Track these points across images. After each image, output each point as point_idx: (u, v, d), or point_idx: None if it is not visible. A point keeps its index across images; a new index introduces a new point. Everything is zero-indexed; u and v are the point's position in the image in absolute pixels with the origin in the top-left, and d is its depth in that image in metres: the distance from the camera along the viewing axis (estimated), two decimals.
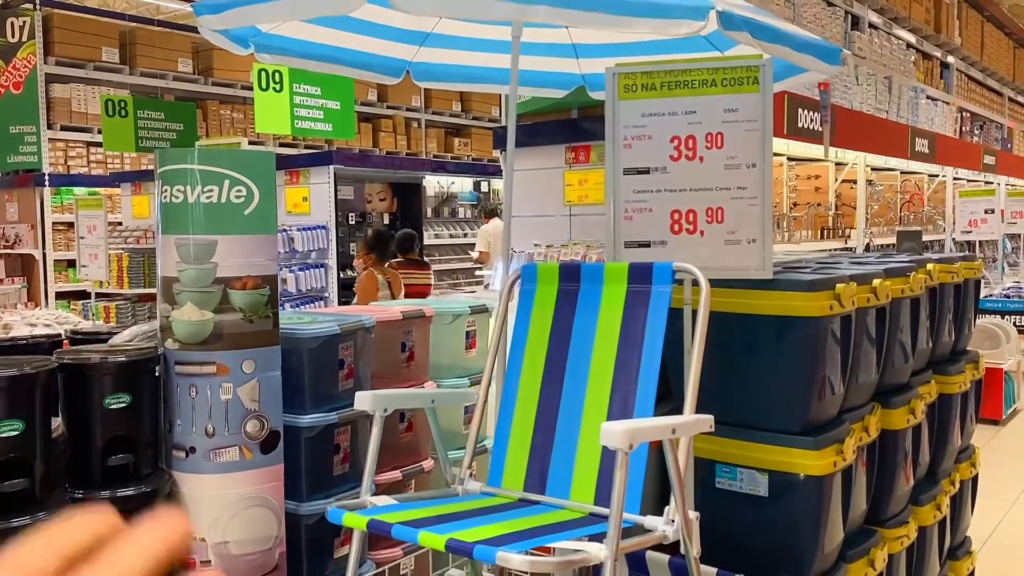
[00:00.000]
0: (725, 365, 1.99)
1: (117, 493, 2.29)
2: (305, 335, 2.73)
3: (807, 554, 1.92)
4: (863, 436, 2.14)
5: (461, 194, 9.77)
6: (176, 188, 2.46)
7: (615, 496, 1.26)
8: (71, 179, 9.28)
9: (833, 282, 1.93)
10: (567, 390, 1.68)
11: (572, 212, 4.78)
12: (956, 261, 2.84)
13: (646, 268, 1.67)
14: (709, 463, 2.01)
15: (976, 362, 2.99)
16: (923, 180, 10.96)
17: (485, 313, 3.63)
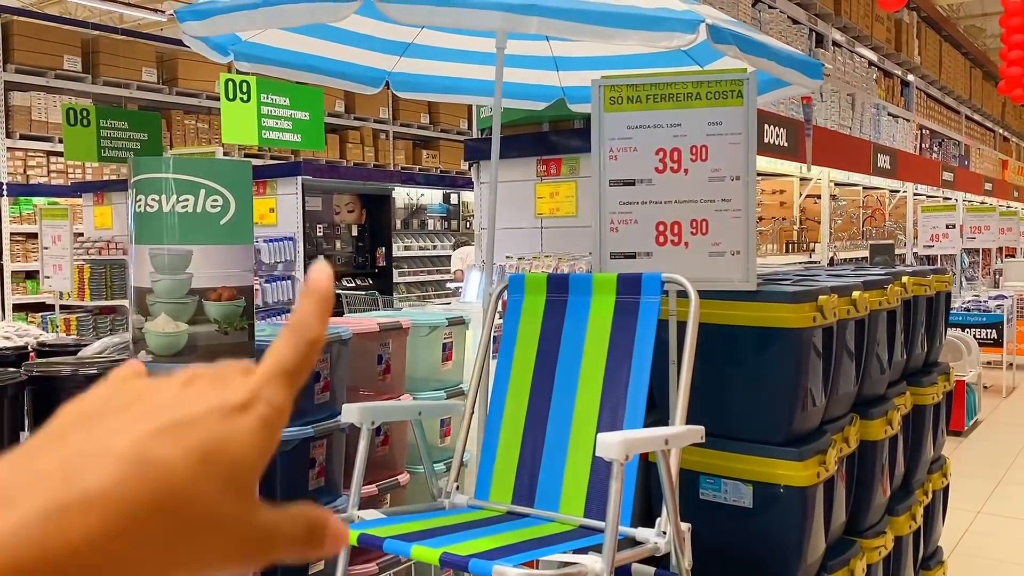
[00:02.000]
0: (708, 376, 2.00)
1: None
2: None
3: (791, 565, 1.93)
4: (844, 447, 2.16)
5: (431, 206, 9.74)
6: (151, 197, 2.41)
7: (611, 507, 1.25)
8: (30, 188, 9.10)
9: (816, 294, 1.95)
10: (555, 401, 1.67)
11: (543, 224, 4.79)
12: (928, 274, 2.89)
13: (635, 279, 1.67)
14: (693, 474, 2.01)
15: (947, 374, 3.04)
16: (885, 195, 11.17)
17: (462, 325, 3.61)
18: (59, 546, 0.30)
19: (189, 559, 0.33)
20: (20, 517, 0.30)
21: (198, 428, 0.34)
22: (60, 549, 0.30)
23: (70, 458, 0.32)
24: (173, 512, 0.32)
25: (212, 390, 0.36)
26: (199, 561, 0.34)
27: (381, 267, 8.83)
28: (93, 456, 0.32)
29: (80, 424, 0.35)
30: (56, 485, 0.31)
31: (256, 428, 0.35)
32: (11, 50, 8.97)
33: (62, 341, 3.25)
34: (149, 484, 0.32)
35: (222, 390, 0.36)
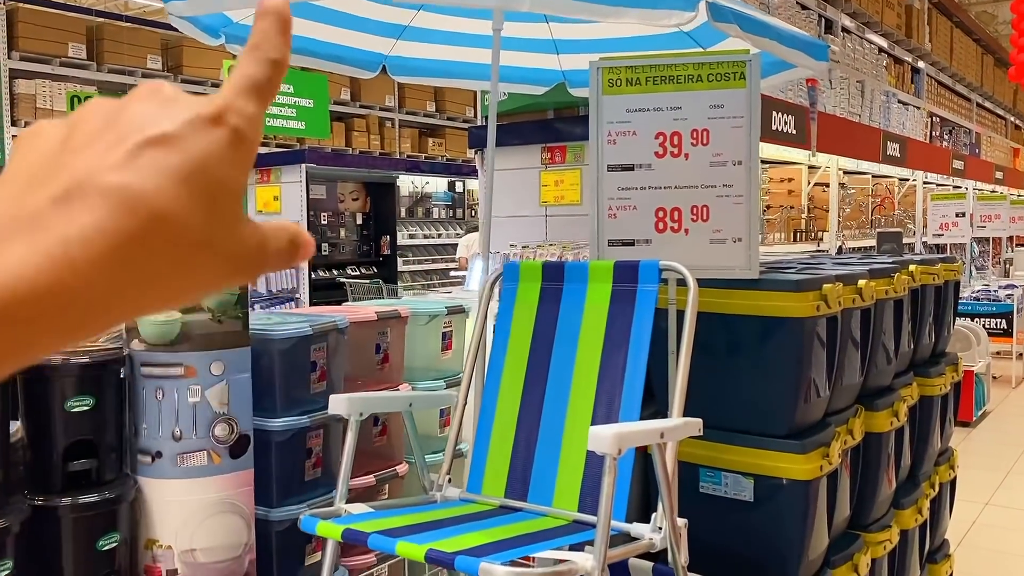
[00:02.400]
0: (709, 367, 1.95)
1: (79, 499, 2.20)
2: (276, 336, 2.65)
3: (793, 560, 1.88)
4: (848, 439, 2.11)
5: (436, 194, 9.69)
6: None
7: (603, 503, 1.21)
8: None
9: (820, 282, 1.90)
10: (550, 393, 1.62)
11: (548, 213, 4.74)
12: (936, 263, 2.83)
13: (632, 267, 1.62)
14: (693, 467, 1.96)
15: (955, 364, 2.98)
16: (894, 184, 11.07)
17: (462, 314, 3.56)
18: (66, 280, 0.31)
19: (185, 282, 0.34)
20: (26, 252, 0.31)
21: (175, 146, 0.34)
22: (67, 283, 0.31)
23: (61, 195, 0.32)
24: (165, 238, 0.33)
25: (181, 104, 0.36)
26: (195, 282, 0.35)
27: (386, 255, 8.79)
28: (82, 191, 0.32)
29: (59, 153, 0.34)
30: (53, 222, 0.32)
31: (231, 140, 0.35)
32: (16, 37, 8.93)
33: None
34: (139, 216, 0.32)
35: (192, 104, 0.36)
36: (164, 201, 0.33)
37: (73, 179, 0.33)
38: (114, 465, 2.34)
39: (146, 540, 2.39)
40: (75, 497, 2.20)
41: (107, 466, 2.30)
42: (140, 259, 0.33)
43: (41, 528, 2.16)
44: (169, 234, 0.33)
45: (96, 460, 2.27)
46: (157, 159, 0.33)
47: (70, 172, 0.33)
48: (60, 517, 2.18)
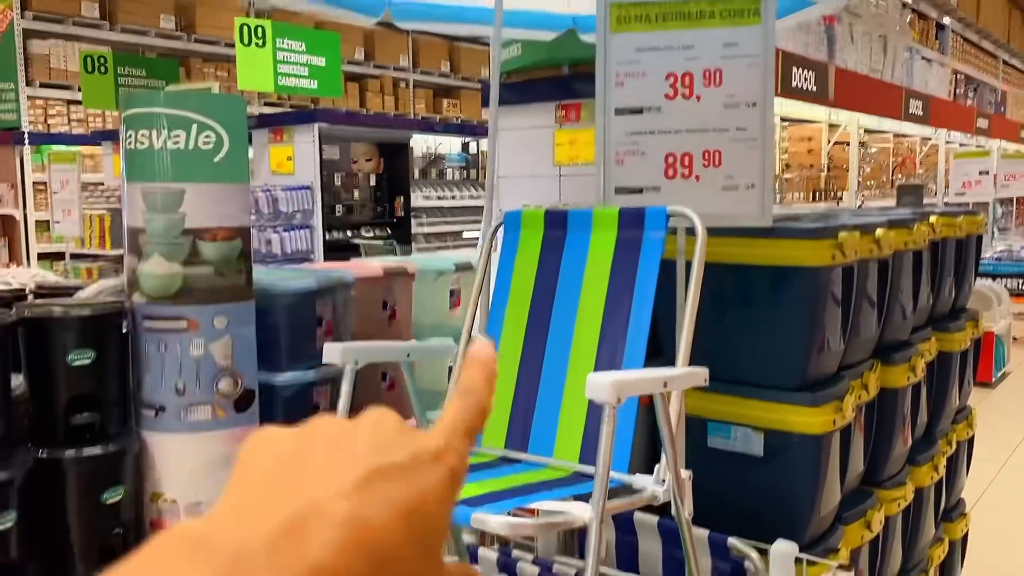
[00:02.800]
0: (719, 319, 1.89)
1: (83, 452, 2.19)
2: (280, 291, 2.62)
3: (803, 516, 1.84)
4: (862, 394, 2.05)
5: (449, 155, 9.60)
6: (141, 133, 2.33)
7: (601, 453, 1.16)
8: (51, 138, 9.06)
9: (836, 231, 1.82)
10: (552, 343, 1.57)
11: (562, 173, 4.65)
12: (959, 215, 2.74)
13: (638, 213, 1.55)
14: (701, 422, 1.92)
15: (976, 320, 2.90)
16: (916, 143, 10.86)
17: (470, 271, 3.52)
18: None
19: None
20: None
21: (403, 479, 0.35)
22: None
23: (291, 521, 0.33)
24: (385, 574, 0.34)
25: (408, 436, 0.38)
26: None
27: (400, 217, 8.73)
28: (313, 519, 0.33)
29: (284, 472, 0.36)
30: (287, 557, 0.32)
31: (447, 480, 0.36)
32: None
33: (61, 284, 3.20)
34: (367, 552, 0.33)
35: (416, 437, 0.38)
36: (391, 538, 0.34)
37: (307, 504, 0.34)
38: (118, 419, 2.32)
39: (151, 494, 2.38)
40: (79, 450, 2.18)
41: (110, 420, 2.29)
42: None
43: (45, 481, 2.15)
44: (389, 571, 0.34)
45: (99, 414, 2.26)
46: (387, 490, 0.35)
47: (303, 496, 0.34)
48: (64, 470, 2.17)
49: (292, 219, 7.20)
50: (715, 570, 1.67)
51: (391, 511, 0.34)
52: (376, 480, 0.34)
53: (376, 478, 0.34)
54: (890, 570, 2.31)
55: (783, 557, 1.60)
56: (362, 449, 0.36)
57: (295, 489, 0.34)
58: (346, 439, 0.37)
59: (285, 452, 0.36)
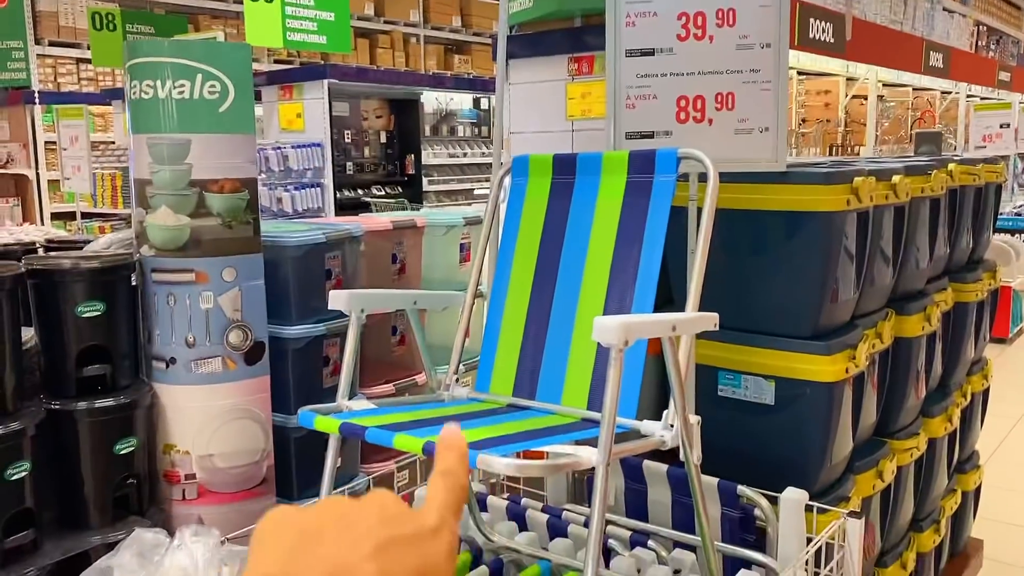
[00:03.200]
0: (731, 266, 1.86)
1: (94, 404, 2.20)
2: (289, 243, 2.61)
3: (814, 465, 1.83)
4: (876, 343, 2.02)
5: (460, 112, 9.50)
6: (146, 83, 2.30)
7: (608, 395, 1.14)
8: (61, 96, 9.02)
9: (851, 175, 1.78)
10: (560, 289, 1.55)
11: (574, 127, 4.57)
12: (978, 163, 2.68)
13: (648, 156, 1.52)
14: (711, 370, 1.90)
15: (993, 272, 2.86)
16: (935, 97, 10.66)
17: (480, 225, 3.49)
18: None
19: None
20: None
21: (414, 547, 0.39)
22: None
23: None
24: None
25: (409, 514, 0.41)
26: None
27: (410, 175, 8.68)
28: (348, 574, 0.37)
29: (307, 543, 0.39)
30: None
31: (449, 550, 0.41)
32: None
33: (72, 238, 3.20)
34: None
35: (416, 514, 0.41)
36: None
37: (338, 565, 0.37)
38: (128, 371, 2.33)
39: (164, 445, 2.40)
40: (90, 401, 2.20)
41: (121, 372, 2.30)
42: None
43: (58, 432, 2.17)
44: None
45: (109, 365, 2.26)
46: (403, 556, 0.38)
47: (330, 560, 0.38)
48: (76, 421, 2.18)
49: (303, 177, 7.17)
50: (724, 517, 1.66)
51: (408, 570, 0.38)
52: (391, 547, 0.38)
53: (391, 545, 0.38)
54: (902, 520, 2.30)
55: (793, 505, 1.59)
56: (373, 522, 0.40)
57: (321, 556, 0.38)
58: (355, 515, 0.40)
59: (305, 527, 0.39)
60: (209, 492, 2.39)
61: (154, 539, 1.26)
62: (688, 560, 1.57)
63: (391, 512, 0.41)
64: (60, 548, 2.10)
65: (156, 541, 1.26)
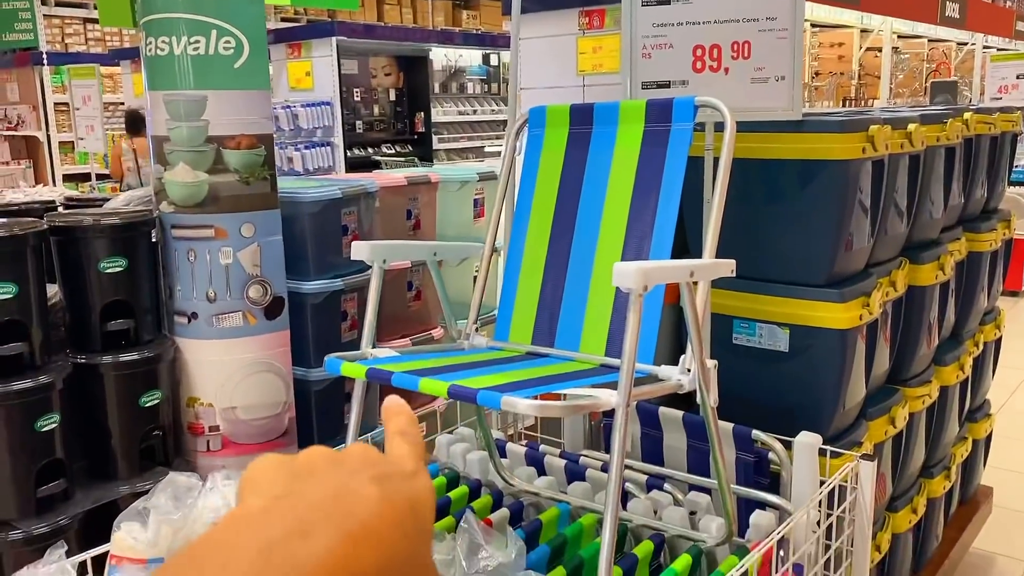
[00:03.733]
0: (745, 216, 1.88)
1: (120, 358, 2.24)
2: (306, 199, 2.63)
3: (828, 410, 1.86)
4: (890, 291, 2.04)
5: (470, 68, 9.42)
6: (161, 39, 2.31)
7: (628, 339, 1.17)
8: (69, 57, 9.00)
9: (867, 123, 1.79)
10: (578, 239, 1.57)
11: (585, 83, 4.54)
12: (994, 112, 2.67)
13: (665, 104, 1.53)
14: (726, 319, 1.92)
15: (1008, 221, 2.86)
16: (951, 48, 10.51)
17: (494, 180, 3.50)
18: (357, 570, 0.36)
19: None
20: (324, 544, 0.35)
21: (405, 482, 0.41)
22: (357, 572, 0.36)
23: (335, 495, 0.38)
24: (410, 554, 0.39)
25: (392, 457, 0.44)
26: None
27: (420, 133, 8.65)
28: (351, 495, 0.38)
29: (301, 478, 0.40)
30: (339, 519, 0.37)
31: (431, 489, 0.43)
32: None
33: (91, 196, 3.23)
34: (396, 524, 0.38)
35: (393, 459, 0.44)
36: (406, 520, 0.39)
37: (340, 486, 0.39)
38: (151, 326, 2.37)
39: (188, 398, 2.45)
40: (115, 355, 2.24)
41: (144, 326, 2.34)
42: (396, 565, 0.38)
43: (84, 385, 2.22)
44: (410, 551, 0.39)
45: (133, 320, 2.31)
46: (396, 484, 0.40)
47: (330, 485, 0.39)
48: (102, 374, 2.23)
49: (313, 136, 7.15)
50: (739, 461, 1.70)
51: (403, 501, 0.39)
52: (382, 479, 0.40)
53: (381, 478, 0.40)
54: (913, 466, 2.34)
55: (807, 448, 1.63)
56: (358, 463, 0.41)
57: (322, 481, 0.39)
58: (342, 457, 0.42)
59: (295, 467, 0.41)
60: (233, 443, 2.45)
61: (187, 482, 1.30)
62: (703, 502, 1.61)
63: (373, 456, 0.42)
64: (90, 497, 2.16)
65: (189, 484, 1.30)
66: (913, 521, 2.34)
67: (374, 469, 0.40)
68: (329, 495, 0.38)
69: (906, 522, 2.30)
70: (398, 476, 0.41)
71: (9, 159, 8.68)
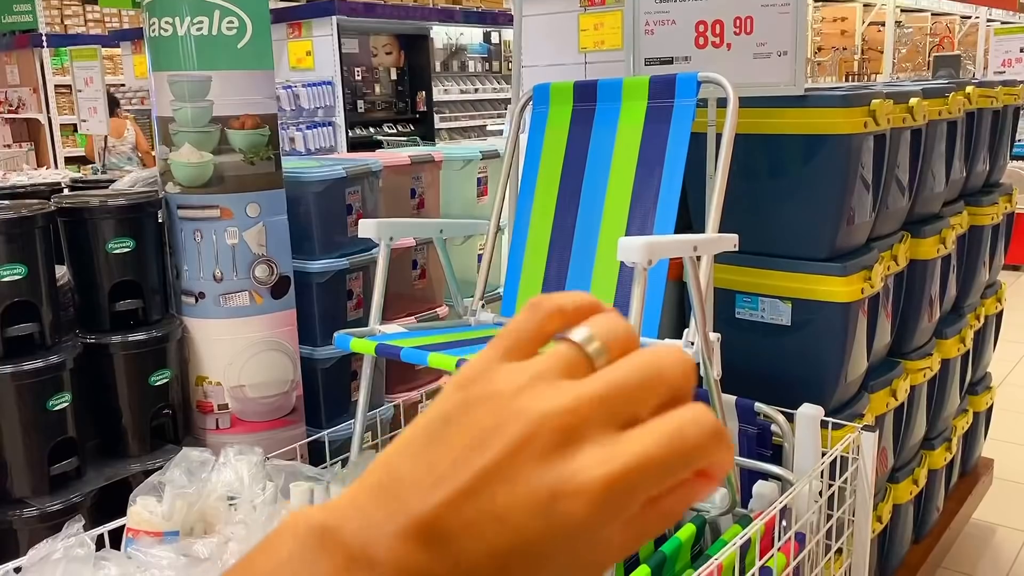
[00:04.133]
0: (749, 192, 1.89)
1: (129, 338, 2.27)
2: (310, 179, 2.64)
3: (829, 383, 1.88)
4: (891, 265, 2.06)
5: (471, 46, 9.39)
6: (164, 20, 2.31)
7: (633, 312, 1.19)
8: (69, 39, 8.97)
9: (869, 98, 1.79)
10: (582, 215, 1.59)
11: (587, 60, 4.52)
12: (996, 86, 2.67)
13: (668, 80, 1.54)
14: (729, 294, 1.94)
15: (1010, 195, 2.87)
16: (954, 22, 10.45)
17: (497, 159, 3.51)
18: None
19: None
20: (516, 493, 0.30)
21: None
22: None
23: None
24: None
25: None
26: None
27: (422, 112, 8.63)
28: None
29: None
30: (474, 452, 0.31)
31: None
32: None
33: (96, 178, 3.24)
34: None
35: None
36: None
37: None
38: (159, 306, 2.40)
39: (196, 377, 2.48)
40: (124, 335, 2.27)
41: (152, 307, 2.36)
42: None
43: (95, 365, 2.25)
44: None
45: (141, 300, 2.33)
46: None
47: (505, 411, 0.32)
48: (112, 354, 2.25)
49: (314, 116, 7.15)
50: (742, 433, 1.72)
51: None
52: None
53: None
54: (914, 437, 2.36)
55: (809, 420, 1.65)
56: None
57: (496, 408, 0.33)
58: None
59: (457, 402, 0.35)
60: (241, 421, 2.48)
61: (200, 457, 1.33)
62: None
63: None
64: (102, 475, 2.20)
65: (203, 459, 1.33)
66: (914, 492, 2.37)
67: None
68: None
69: (907, 493, 2.33)
70: None
71: (11, 142, 8.68)
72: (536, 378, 0.32)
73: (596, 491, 0.30)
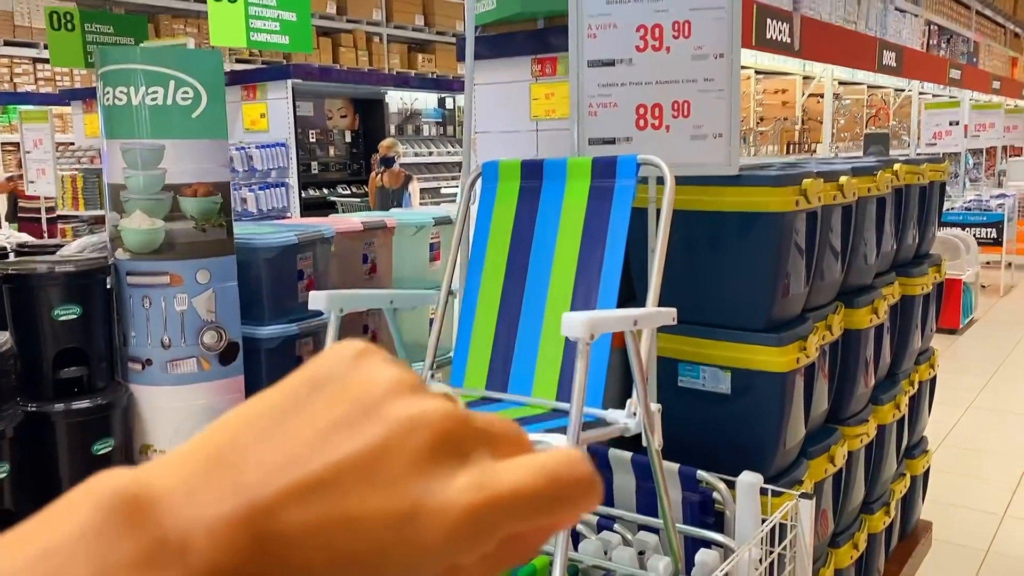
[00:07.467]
0: (689, 264, 1.97)
1: (71, 405, 2.24)
2: (261, 245, 2.66)
3: (769, 450, 1.94)
4: (826, 335, 2.14)
5: (425, 111, 9.55)
6: (119, 90, 2.34)
7: (576, 386, 1.23)
8: (19, 97, 8.91)
9: (799, 177, 1.90)
10: (529, 288, 1.64)
11: (539, 127, 4.64)
12: (922, 163, 2.82)
13: (610, 162, 1.61)
14: (672, 362, 2.00)
15: (939, 265, 3.00)
16: (889, 94, 10.93)
17: (449, 225, 3.57)
18: None
19: None
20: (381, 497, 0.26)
21: None
22: None
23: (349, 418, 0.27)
24: None
25: None
26: None
27: None
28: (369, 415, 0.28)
29: None
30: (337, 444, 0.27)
31: None
32: None
33: (43, 242, 3.21)
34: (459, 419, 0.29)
35: None
36: None
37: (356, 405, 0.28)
38: (105, 373, 2.37)
39: (141, 445, 2.44)
40: (67, 403, 2.24)
41: (98, 374, 2.34)
42: None
43: (36, 433, 2.21)
44: None
45: (86, 368, 2.31)
46: None
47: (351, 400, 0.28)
48: (54, 423, 2.22)
49: (267, 176, 7.17)
50: (685, 501, 1.76)
51: None
52: None
53: None
54: (853, 502, 2.43)
55: (749, 487, 1.70)
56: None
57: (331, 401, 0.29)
58: None
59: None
60: None
61: None
62: (652, 541, 1.66)
63: None
64: None
65: None
66: (855, 557, 2.43)
67: None
68: None
69: (848, 558, 2.38)
70: None
71: None
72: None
73: (459, 516, 0.26)
